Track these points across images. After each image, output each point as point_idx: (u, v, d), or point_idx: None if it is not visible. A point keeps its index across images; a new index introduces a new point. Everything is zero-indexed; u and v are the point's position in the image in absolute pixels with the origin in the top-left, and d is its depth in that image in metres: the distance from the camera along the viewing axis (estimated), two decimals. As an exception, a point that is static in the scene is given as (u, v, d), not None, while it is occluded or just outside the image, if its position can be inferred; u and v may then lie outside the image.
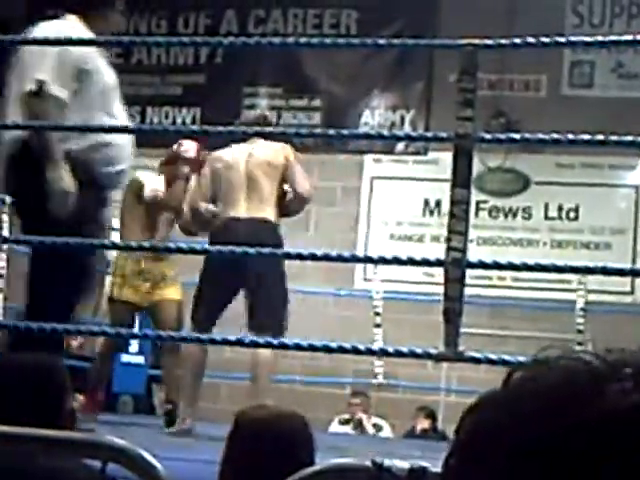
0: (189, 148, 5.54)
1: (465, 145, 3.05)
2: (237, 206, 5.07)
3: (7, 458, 1.93)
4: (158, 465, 1.67)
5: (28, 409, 2.07)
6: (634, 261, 8.38)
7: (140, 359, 7.43)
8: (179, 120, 9.45)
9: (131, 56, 9.62)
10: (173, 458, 2.82)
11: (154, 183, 5.59)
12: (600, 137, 3.28)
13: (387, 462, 1.62)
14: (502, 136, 3.59)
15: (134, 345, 7.39)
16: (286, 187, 5.18)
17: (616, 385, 0.60)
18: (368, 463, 1.63)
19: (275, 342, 3.49)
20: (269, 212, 5.06)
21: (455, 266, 3.01)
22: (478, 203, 8.67)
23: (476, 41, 3.16)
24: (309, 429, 2.28)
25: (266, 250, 3.77)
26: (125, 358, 7.36)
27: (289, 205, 5.19)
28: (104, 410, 7.22)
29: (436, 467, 1.53)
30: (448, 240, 3.07)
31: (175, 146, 5.61)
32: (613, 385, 0.60)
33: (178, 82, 9.57)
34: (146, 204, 5.51)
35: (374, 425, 8.01)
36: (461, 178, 3.07)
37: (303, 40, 5.41)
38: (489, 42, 3.25)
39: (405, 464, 1.60)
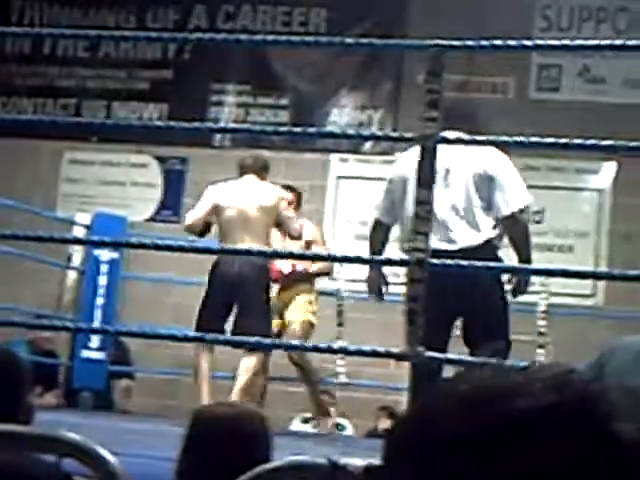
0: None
1: (430, 146, 3.05)
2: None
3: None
4: (112, 460, 1.66)
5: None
6: (596, 264, 8.44)
7: (100, 355, 7.38)
8: (146, 115, 9.41)
9: (98, 49, 9.57)
10: (130, 454, 2.80)
11: None
12: (563, 140, 3.30)
13: (342, 460, 1.62)
14: (466, 137, 3.60)
15: (94, 341, 7.34)
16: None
17: (529, 390, 0.65)
18: (324, 461, 1.63)
19: (236, 340, 3.48)
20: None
21: (418, 267, 3.02)
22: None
23: (443, 42, 3.17)
24: (267, 427, 2.27)
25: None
26: (85, 354, 7.31)
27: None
28: (64, 406, 7.19)
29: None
30: (411, 241, 3.08)
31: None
32: (527, 391, 0.65)
33: (145, 77, 9.52)
34: None
35: (337, 425, 8.01)
36: (425, 178, 3.08)
37: (271, 38, 5.40)
38: (456, 43, 3.26)
39: (361, 462, 1.59)
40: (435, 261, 3.06)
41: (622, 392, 0.64)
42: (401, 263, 3.21)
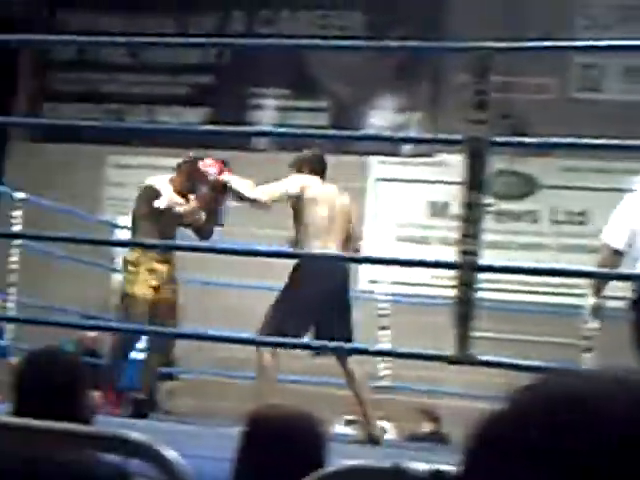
0: (212, 169, 5.59)
1: (478, 148, 3.05)
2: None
3: (30, 451, 1.94)
4: (179, 461, 1.67)
5: (51, 403, 2.08)
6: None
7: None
8: (187, 119, 9.47)
9: (140, 56, 9.65)
10: (184, 455, 2.81)
11: (169, 192, 5.68)
12: (607, 141, 3.29)
13: (406, 464, 1.62)
14: (515, 140, 3.59)
15: (140, 342, 7.37)
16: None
17: (620, 398, 0.62)
18: (386, 465, 1.62)
19: (288, 343, 3.50)
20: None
21: (467, 269, 3.01)
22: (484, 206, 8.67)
23: (490, 44, 3.17)
24: (322, 429, 2.28)
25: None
26: (131, 355, 7.34)
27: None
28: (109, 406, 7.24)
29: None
30: (460, 243, 3.07)
31: (197, 162, 5.61)
32: (618, 398, 0.62)
33: (186, 82, 9.58)
34: (160, 212, 5.59)
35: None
36: (474, 181, 3.07)
37: (308, 42, 5.43)
38: (503, 45, 3.26)
39: (425, 467, 1.59)
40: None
41: None
42: (449, 266, 3.21)
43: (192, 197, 5.70)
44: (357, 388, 5.30)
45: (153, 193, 5.66)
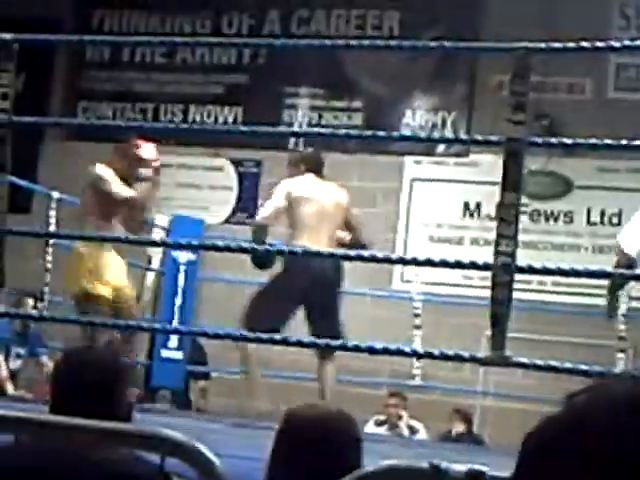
0: (148, 150, 5.61)
1: (516, 149, 3.04)
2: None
3: (69, 449, 1.95)
4: (217, 460, 1.68)
5: (88, 401, 2.09)
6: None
7: (179, 354, 7.48)
8: (221, 119, 9.50)
9: (175, 55, 9.69)
10: (221, 455, 2.81)
11: (113, 178, 5.47)
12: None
13: (444, 465, 1.61)
14: (553, 140, 3.57)
15: (173, 340, 7.43)
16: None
17: None
18: (424, 465, 1.62)
19: (320, 343, 3.50)
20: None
21: (504, 270, 3.00)
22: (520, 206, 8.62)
23: (529, 44, 3.15)
24: (357, 430, 2.27)
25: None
26: (164, 353, 7.40)
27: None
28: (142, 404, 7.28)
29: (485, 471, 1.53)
30: (497, 244, 3.06)
31: (132, 146, 5.61)
32: None
33: (221, 81, 9.61)
34: (103, 198, 5.38)
35: (410, 427, 8.00)
36: (511, 182, 3.06)
37: (342, 42, 5.45)
38: (542, 46, 3.24)
39: (462, 467, 1.59)
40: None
41: None
42: (485, 267, 3.19)
43: (138, 183, 5.52)
44: (324, 383, 5.54)
45: (97, 178, 5.42)
